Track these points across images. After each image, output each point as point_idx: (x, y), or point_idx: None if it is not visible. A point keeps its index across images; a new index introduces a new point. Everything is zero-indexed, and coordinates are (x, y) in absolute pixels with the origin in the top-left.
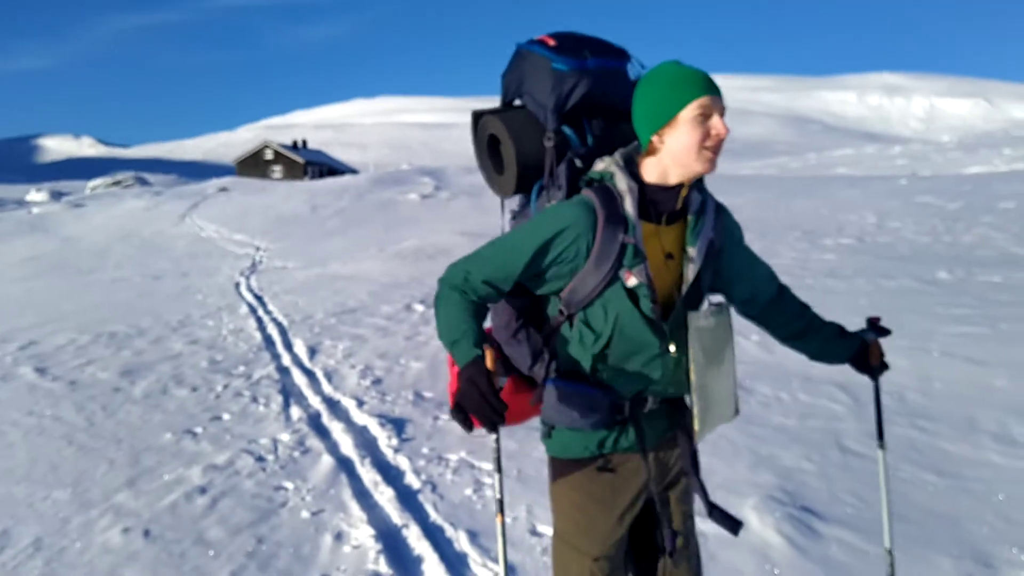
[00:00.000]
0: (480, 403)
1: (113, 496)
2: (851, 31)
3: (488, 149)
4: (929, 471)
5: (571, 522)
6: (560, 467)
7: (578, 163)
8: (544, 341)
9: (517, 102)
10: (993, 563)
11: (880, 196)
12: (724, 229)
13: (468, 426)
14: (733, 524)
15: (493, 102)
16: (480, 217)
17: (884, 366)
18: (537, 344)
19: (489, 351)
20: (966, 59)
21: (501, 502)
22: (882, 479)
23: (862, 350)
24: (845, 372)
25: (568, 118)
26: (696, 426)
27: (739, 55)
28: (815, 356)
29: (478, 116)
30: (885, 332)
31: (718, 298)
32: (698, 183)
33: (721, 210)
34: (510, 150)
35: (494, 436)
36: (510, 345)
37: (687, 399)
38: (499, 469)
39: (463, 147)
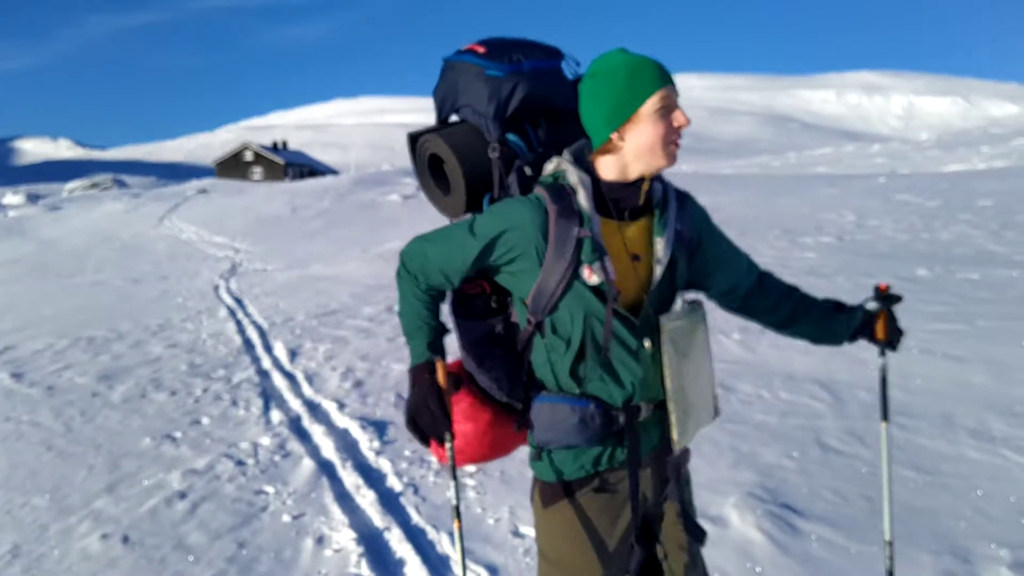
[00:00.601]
0: (431, 423)
1: (92, 502)
2: (829, 30)
3: (430, 170)
4: (908, 467)
5: (571, 548)
6: (553, 491)
7: (528, 171)
8: (518, 360)
9: (454, 118)
10: (971, 559)
11: (859, 194)
12: (693, 218)
13: (425, 442)
14: (699, 532)
15: None
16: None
17: (897, 334)
18: (511, 366)
19: (440, 364)
20: (944, 57)
21: (457, 508)
22: (884, 453)
23: (866, 323)
24: (828, 369)
25: (511, 125)
26: (674, 434)
27: (718, 54)
28: (815, 339)
29: (415, 137)
30: (894, 299)
31: (692, 296)
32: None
33: (685, 198)
34: (456, 168)
35: (448, 444)
36: (480, 374)
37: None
38: (454, 476)
39: None
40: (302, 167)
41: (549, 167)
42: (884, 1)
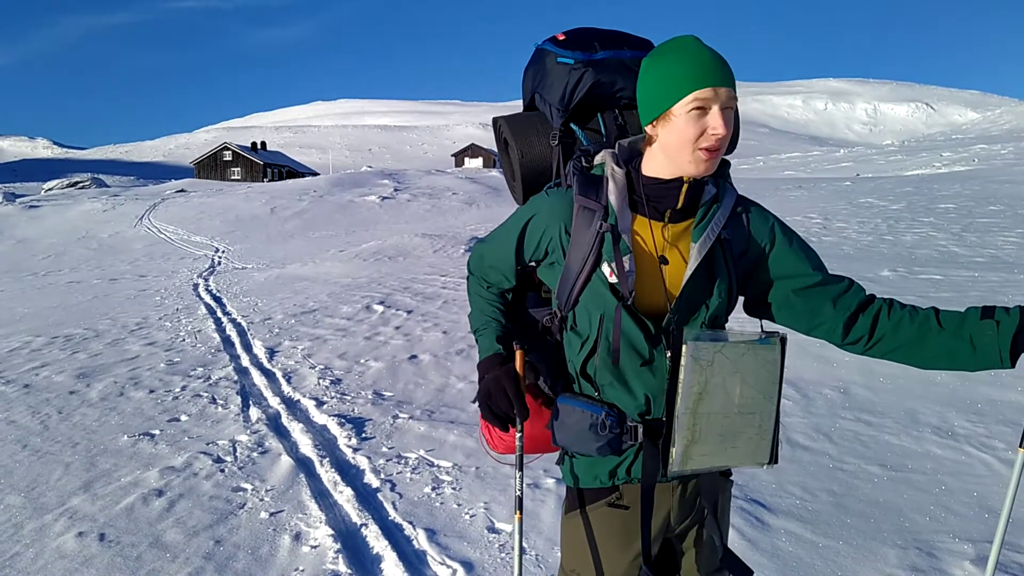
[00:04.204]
0: (508, 407)
1: (68, 500)
2: (796, 38)
3: (505, 154)
4: (874, 464)
5: (581, 562)
6: (572, 498)
7: (585, 161)
8: (557, 354)
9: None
10: (936, 553)
11: (825, 197)
12: (750, 228)
13: (504, 425)
14: (744, 572)
15: (449, 106)
16: (439, 219)
17: None
18: (552, 359)
19: (519, 352)
20: (908, 65)
21: (520, 499)
22: (1013, 484)
23: None
24: (795, 367)
25: (583, 114)
26: (672, 455)
27: None
28: (953, 358)
29: (496, 121)
30: None
31: (773, 327)
32: (717, 174)
33: (745, 207)
34: (514, 154)
35: (518, 435)
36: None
37: (675, 422)
38: (520, 467)
39: (422, 150)
40: (281, 167)
41: (598, 158)
42: (850, 10)
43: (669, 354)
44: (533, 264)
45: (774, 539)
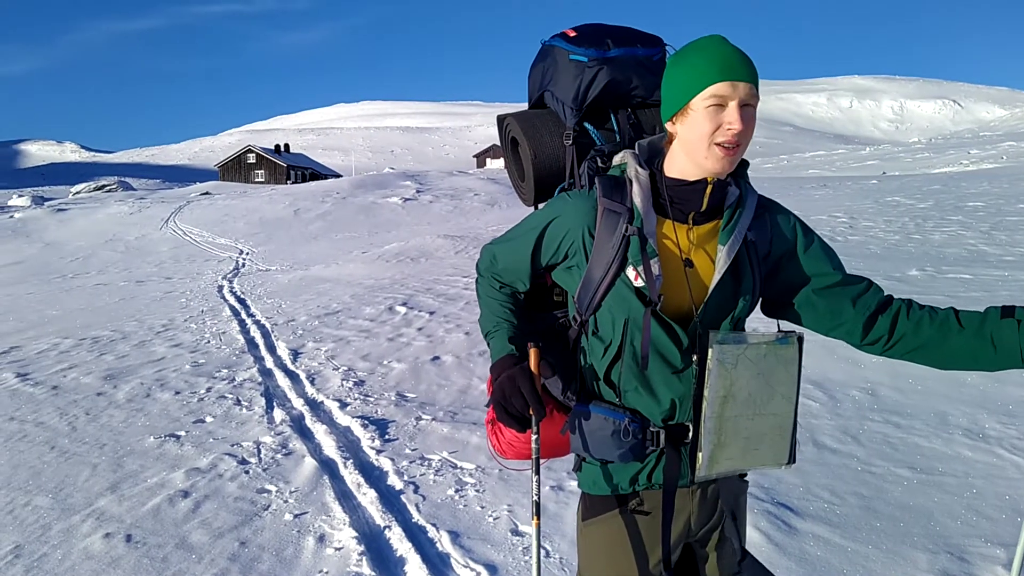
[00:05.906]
0: (524, 407)
1: (95, 501)
2: (821, 35)
3: (512, 153)
4: (903, 466)
5: (600, 569)
6: (590, 505)
7: (601, 161)
8: (571, 358)
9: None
10: (967, 557)
11: (851, 196)
12: (773, 230)
13: (521, 427)
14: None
15: (471, 107)
16: (461, 220)
17: None
18: (566, 363)
19: (534, 350)
20: (934, 62)
21: (538, 505)
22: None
23: None
24: (822, 368)
25: (594, 113)
26: (699, 460)
27: None
28: (976, 358)
29: (503, 119)
30: None
31: (790, 327)
32: (737, 175)
33: (769, 208)
34: (527, 153)
35: (534, 437)
36: None
37: (702, 427)
38: (537, 471)
39: (444, 151)
40: (304, 170)
41: (617, 158)
42: (875, 6)
43: (695, 358)
44: (549, 268)
45: (802, 543)
